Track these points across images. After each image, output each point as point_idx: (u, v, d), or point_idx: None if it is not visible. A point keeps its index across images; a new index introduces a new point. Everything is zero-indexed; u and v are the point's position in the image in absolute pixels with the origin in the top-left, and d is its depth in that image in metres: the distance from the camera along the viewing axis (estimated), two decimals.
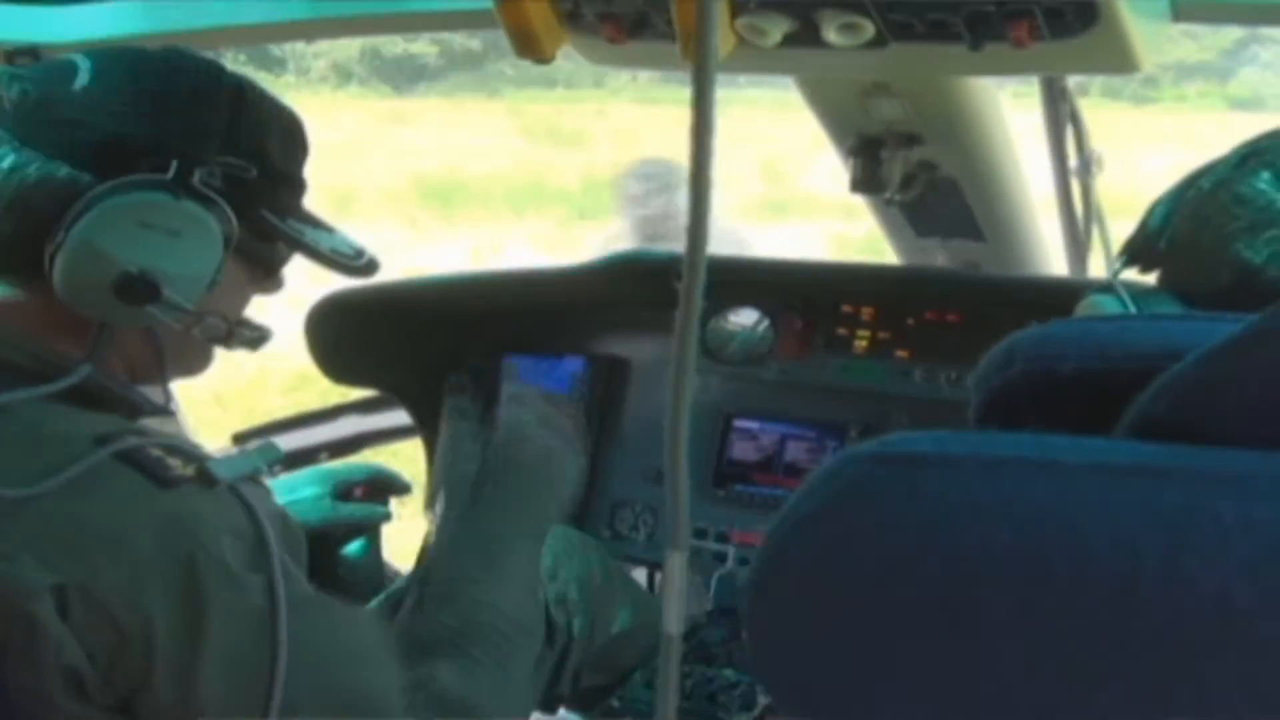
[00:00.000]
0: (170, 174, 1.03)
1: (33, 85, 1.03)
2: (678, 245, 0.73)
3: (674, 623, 0.57)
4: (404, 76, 12.71)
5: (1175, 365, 0.57)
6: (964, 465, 0.55)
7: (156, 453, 1.01)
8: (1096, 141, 1.86)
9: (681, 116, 0.73)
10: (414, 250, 7.90)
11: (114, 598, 0.97)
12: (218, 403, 5.48)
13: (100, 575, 0.96)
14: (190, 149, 1.05)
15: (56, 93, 1.03)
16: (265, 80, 1.22)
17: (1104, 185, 1.87)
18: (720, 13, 1.26)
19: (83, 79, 1.04)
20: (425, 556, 1.35)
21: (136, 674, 0.98)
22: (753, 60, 1.34)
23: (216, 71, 1.10)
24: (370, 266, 1.13)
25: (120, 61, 1.06)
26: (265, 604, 0.99)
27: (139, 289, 1.01)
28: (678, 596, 0.57)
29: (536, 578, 1.29)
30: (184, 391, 1.46)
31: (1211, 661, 0.50)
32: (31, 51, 1.61)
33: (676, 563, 0.57)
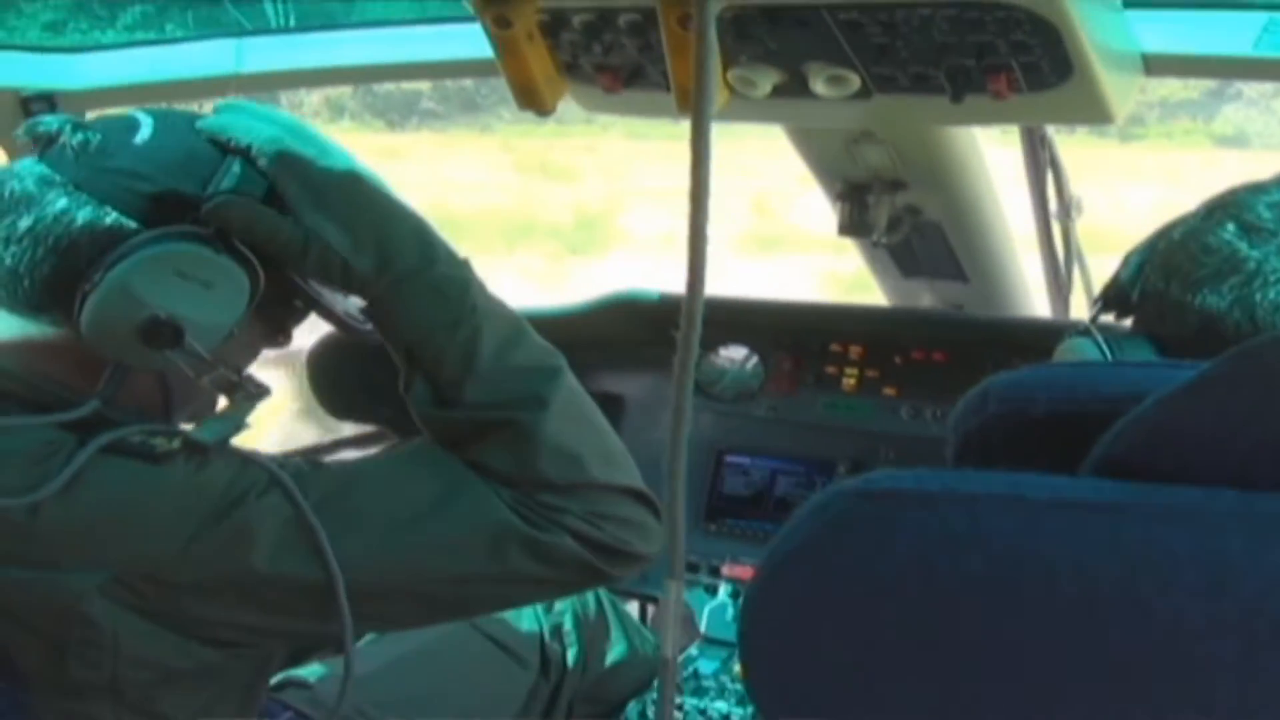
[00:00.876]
0: (213, 228, 1.07)
1: (95, 135, 1.07)
2: None
3: (670, 646, 0.61)
4: (397, 111, 12.75)
5: (1134, 409, 0.61)
6: (940, 500, 0.60)
7: (138, 438, 1.05)
8: (1083, 179, 1.90)
9: (669, 151, 0.76)
10: None
11: (161, 570, 1.02)
12: None
13: (140, 557, 1.02)
14: None
15: (117, 144, 1.07)
16: None
17: (1090, 221, 1.90)
18: (714, 67, 1.32)
19: (144, 134, 1.08)
20: None
21: (212, 611, 1.05)
22: (743, 110, 1.39)
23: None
24: (375, 332, 1.17)
25: (180, 121, 1.11)
26: (291, 510, 1.05)
27: (163, 334, 1.04)
28: (675, 622, 0.61)
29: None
30: None
31: (1163, 679, 0.55)
32: (47, 98, 1.66)
33: (674, 590, 0.61)
